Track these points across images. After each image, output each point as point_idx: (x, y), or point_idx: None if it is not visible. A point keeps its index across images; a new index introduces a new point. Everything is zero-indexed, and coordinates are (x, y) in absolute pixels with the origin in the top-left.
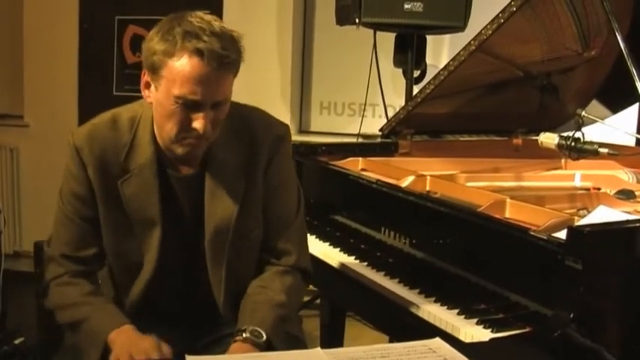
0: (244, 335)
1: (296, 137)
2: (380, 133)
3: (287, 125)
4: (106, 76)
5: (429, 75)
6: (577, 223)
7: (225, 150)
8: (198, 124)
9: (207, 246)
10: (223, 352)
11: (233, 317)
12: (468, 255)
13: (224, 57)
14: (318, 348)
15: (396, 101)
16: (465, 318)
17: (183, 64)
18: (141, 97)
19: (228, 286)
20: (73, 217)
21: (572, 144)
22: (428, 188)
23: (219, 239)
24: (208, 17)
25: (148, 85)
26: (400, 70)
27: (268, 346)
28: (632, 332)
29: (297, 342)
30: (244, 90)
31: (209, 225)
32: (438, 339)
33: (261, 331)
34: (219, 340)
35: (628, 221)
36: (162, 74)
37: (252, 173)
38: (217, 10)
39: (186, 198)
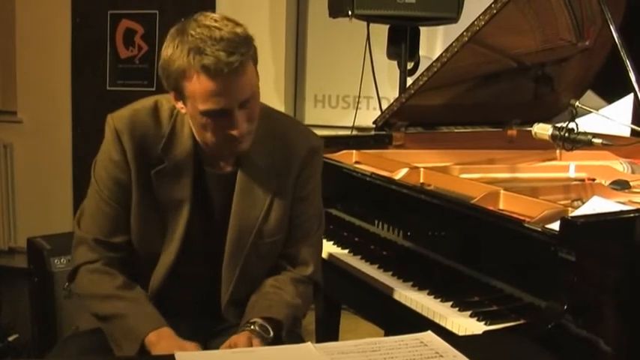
0: (252, 327)
1: None
2: (374, 126)
3: (322, 139)
4: (99, 70)
5: (424, 67)
6: (571, 214)
7: (260, 153)
8: (233, 131)
9: (228, 243)
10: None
11: (233, 317)
12: (461, 247)
13: (231, 63)
14: (309, 342)
15: (391, 93)
16: (459, 310)
17: (195, 82)
18: (136, 91)
19: (237, 287)
20: (110, 202)
21: (566, 135)
22: (422, 180)
23: (241, 238)
24: (208, 21)
25: (177, 98)
26: (394, 63)
27: (275, 343)
28: (629, 323)
29: (297, 340)
30: None
31: (234, 222)
32: (429, 332)
33: (269, 328)
34: (221, 332)
35: (622, 212)
36: (183, 94)
37: (284, 180)
38: (210, 4)
39: (218, 194)
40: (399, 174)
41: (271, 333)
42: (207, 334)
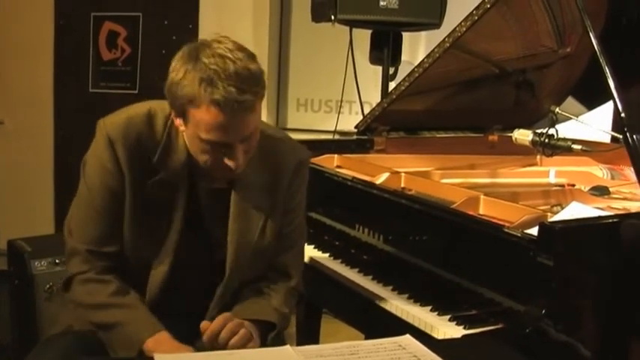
0: None
1: None
2: (356, 130)
3: (309, 152)
4: (82, 73)
5: (403, 72)
6: (550, 220)
7: (253, 170)
8: (230, 162)
9: (228, 260)
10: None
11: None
12: (441, 251)
13: (242, 102)
14: (288, 346)
15: (373, 98)
16: (438, 315)
17: (203, 113)
18: (118, 93)
19: (224, 297)
20: (103, 211)
21: (546, 140)
22: (402, 185)
23: (240, 255)
24: (222, 50)
25: (178, 116)
26: (376, 67)
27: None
28: (608, 327)
29: (279, 342)
30: None
31: (232, 241)
32: (408, 336)
33: (253, 333)
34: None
35: (600, 217)
36: (188, 118)
37: (275, 195)
38: (194, 8)
39: (209, 208)
40: (380, 178)
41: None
42: (194, 336)
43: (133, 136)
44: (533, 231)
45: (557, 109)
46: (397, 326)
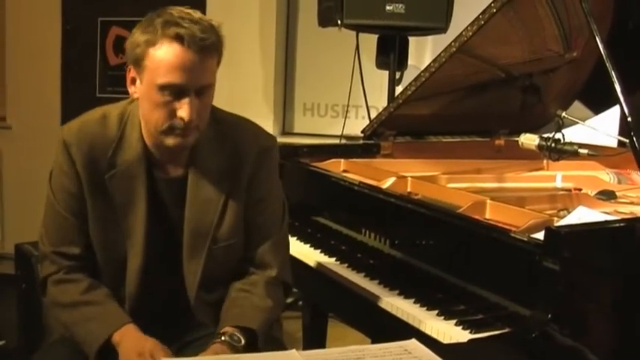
0: (223, 338)
1: (279, 139)
2: (362, 135)
3: (274, 137)
4: (89, 77)
5: (410, 76)
6: (556, 224)
7: (210, 155)
8: (183, 111)
9: (184, 249)
10: (197, 354)
11: (206, 320)
12: (447, 256)
13: (204, 40)
14: (294, 350)
15: (380, 102)
16: (445, 319)
17: (164, 51)
18: (125, 98)
19: (202, 290)
20: (65, 213)
21: (553, 145)
22: (409, 189)
23: (196, 244)
24: (188, 10)
25: (133, 81)
26: (383, 72)
27: (250, 350)
28: (614, 332)
29: (278, 345)
30: (227, 91)
31: (188, 228)
32: (414, 340)
33: (240, 336)
34: (194, 342)
35: (606, 222)
36: (145, 65)
37: (235, 183)
38: (200, 11)
39: (170, 199)
40: (387, 183)
41: (242, 341)
42: (180, 340)
43: (88, 138)
44: (540, 235)
45: (563, 114)
46: (403, 330)
